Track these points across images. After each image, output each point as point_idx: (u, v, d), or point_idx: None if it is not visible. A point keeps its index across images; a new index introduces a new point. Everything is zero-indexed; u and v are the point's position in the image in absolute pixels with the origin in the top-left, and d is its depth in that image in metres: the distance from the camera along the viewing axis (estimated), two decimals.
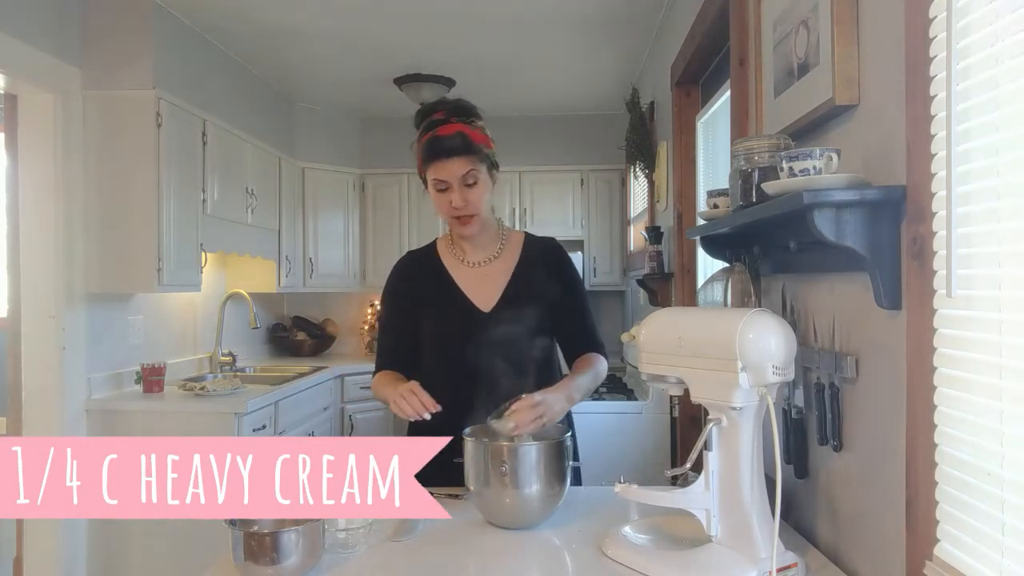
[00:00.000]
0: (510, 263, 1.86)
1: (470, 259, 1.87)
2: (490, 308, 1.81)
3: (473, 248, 1.87)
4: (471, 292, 1.83)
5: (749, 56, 1.86)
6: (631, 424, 3.39)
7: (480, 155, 1.76)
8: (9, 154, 3.06)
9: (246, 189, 4.08)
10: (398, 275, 1.92)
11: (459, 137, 1.73)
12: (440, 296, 1.84)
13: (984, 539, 0.90)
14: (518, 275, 1.85)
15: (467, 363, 1.73)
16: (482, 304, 1.81)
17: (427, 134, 1.77)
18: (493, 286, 1.83)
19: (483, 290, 1.83)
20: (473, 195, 1.76)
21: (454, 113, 1.77)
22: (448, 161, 1.73)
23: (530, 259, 1.88)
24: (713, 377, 1.21)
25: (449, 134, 1.73)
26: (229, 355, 4.24)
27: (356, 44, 3.87)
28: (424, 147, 1.77)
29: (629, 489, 1.28)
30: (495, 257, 1.87)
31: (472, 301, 1.82)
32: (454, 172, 1.73)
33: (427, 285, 1.86)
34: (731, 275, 1.68)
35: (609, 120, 5.11)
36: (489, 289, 1.83)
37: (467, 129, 1.75)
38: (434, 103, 1.85)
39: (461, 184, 1.74)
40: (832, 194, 1.08)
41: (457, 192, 1.74)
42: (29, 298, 3.01)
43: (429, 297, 1.85)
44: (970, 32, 0.91)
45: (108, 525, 3.12)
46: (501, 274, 1.85)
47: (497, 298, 1.81)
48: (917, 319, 1.03)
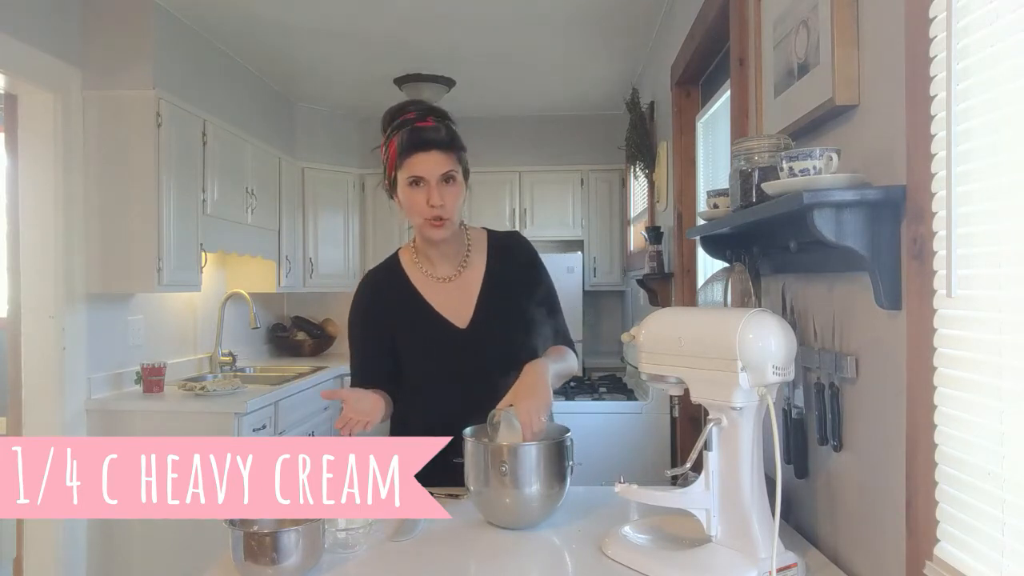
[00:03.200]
0: (479, 271, 1.79)
1: (438, 273, 1.78)
2: (466, 324, 1.74)
3: (440, 258, 1.77)
4: (444, 309, 1.76)
5: (749, 56, 1.86)
6: (631, 424, 3.39)
7: (459, 154, 1.69)
8: (9, 154, 3.06)
9: (246, 189, 4.08)
10: (365, 298, 1.81)
11: (444, 129, 1.66)
12: (412, 317, 1.76)
13: (984, 539, 0.90)
14: (489, 283, 1.78)
15: (449, 381, 1.70)
16: (457, 320, 1.75)
17: (402, 129, 1.66)
18: (465, 299, 1.76)
19: (456, 305, 1.76)
20: (450, 195, 1.66)
21: (429, 112, 1.69)
22: (429, 154, 1.63)
23: (498, 261, 1.80)
24: (713, 377, 1.21)
25: (432, 126, 1.65)
26: (229, 355, 4.24)
27: (356, 44, 3.87)
28: (403, 138, 1.64)
29: (629, 489, 1.28)
30: (463, 267, 1.79)
31: (446, 318, 1.75)
32: (434, 167, 1.63)
33: (397, 306, 1.77)
34: (731, 275, 1.69)
35: (609, 120, 5.11)
36: (462, 303, 1.76)
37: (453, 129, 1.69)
38: (404, 103, 1.74)
39: (440, 181, 1.64)
40: (832, 194, 1.08)
41: (435, 189, 1.64)
42: (29, 298, 3.01)
43: (401, 319, 1.76)
44: (970, 32, 0.91)
45: (108, 525, 3.12)
46: (472, 285, 1.77)
47: (471, 312, 1.75)
48: (917, 319, 1.03)
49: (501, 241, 1.85)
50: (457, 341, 1.74)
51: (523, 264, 1.83)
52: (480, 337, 1.73)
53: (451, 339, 1.74)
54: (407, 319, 1.77)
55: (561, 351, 1.77)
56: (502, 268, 1.80)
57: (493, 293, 1.77)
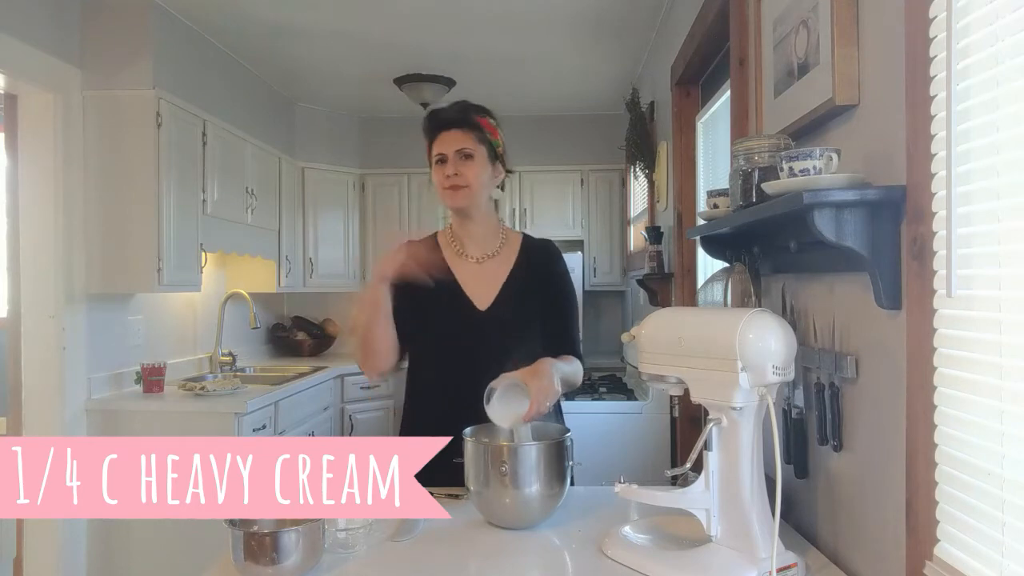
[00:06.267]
0: (508, 262, 1.86)
1: (470, 253, 1.86)
2: (486, 306, 1.80)
3: (472, 242, 1.86)
4: (468, 288, 1.82)
5: (749, 56, 1.86)
6: (631, 424, 3.39)
7: (478, 133, 1.79)
8: (9, 154, 3.06)
9: (246, 189, 4.08)
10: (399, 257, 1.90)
11: (457, 109, 1.80)
12: (437, 289, 1.79)
13: (984, 539, 0.90)
14: (515, 275, 1.84)
15: (460, 359, 1.73)
16: (479, 302, 1.80)
17: None
18: (491, 284, 1.82)
19: (480, 287, 1.82)
20: (467, 168, 1.77)
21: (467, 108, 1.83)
22: (446, 133, 1.78)
23: (527, 260, 1.87)
24: (713, 377, 1.21)
25: (448, 106, 1.81)
26: (229, 355, 4.24)
27: (356, 44, 3.87)
28: (424, 124, 1.83)
29: (629, 489, 1.28)
30: (495, 254, 1.86)
31: (469, 298, 1.81)
32: (450, 143, 1.77)
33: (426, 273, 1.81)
34: (731, 275, 1.69)
35: (609, 120, 5.11)
36: (487, 287, 1.82)
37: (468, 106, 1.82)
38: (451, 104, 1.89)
39: (457, 156, 1.77)
40: (832, 194, 1.08)
41: (452, 163, 1.77)
42: (29, 298, 3.01)
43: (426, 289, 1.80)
44: (970, 32, 0.91)
45: (108, 525, 3.11)
46: (499, 272, 1.84)
47: (494, 296, 1.81)
48: (917, 319, 1.03)
49: (535, 244, 1.93)
50: (474, 321, 1.78)
51: (552, 269, 1.89)
52: (497, 321, 1.77)
53: (469, 317, 1.78)
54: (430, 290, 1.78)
55: (570, 360, 1.80)
56: (531, 266, 1.86)
57: (517, 285, 1.83)
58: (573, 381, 1.78)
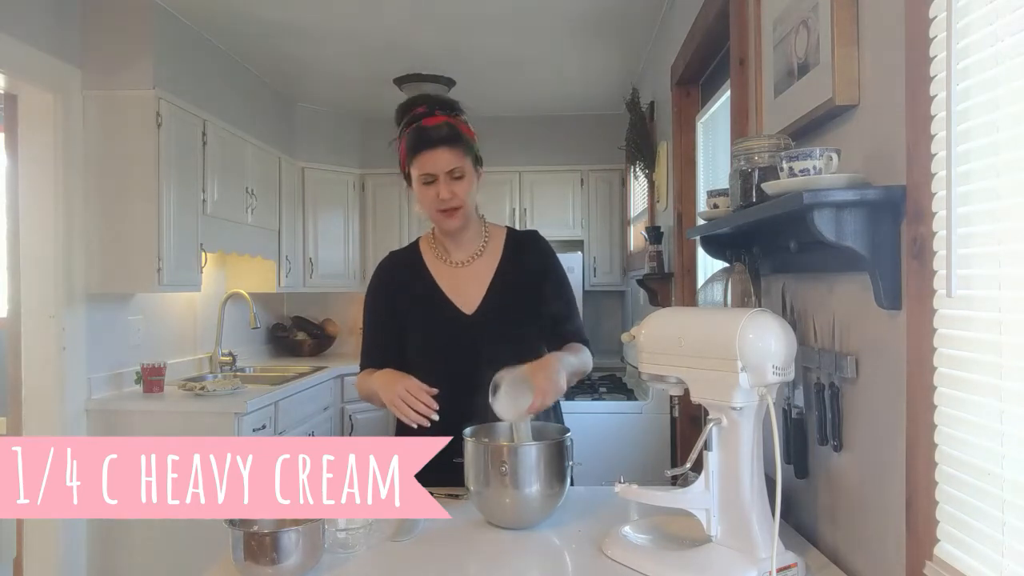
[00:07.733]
0: (493, 260, 1.83)
1: (453, 258, 1.83)
2: (472, 310, 1.78)
3: (456, 246, 1.83)
4: (453, 294, 1.80)
5: (749, 56, 1.86)
6: (631, 424, 3.39)
7: (466, 147, 1.74)
8: (9, 154, 3.06)
9: (246, 189, 4.08)
10: (380, 276, 1.88)
11: (446, 127, 1.71)
12: (422, 298, 1.80)
13: (984, 539, 0.90)
14: (501, 273, 1.81)
15: (451, 367, 1.70)
16: (464, 306, 1.78)
17: (411, 126, 1.74)
18: (476, 287, 1.80)
19: (466, 291, 1.80)
20: (459, 188, 1.73)
21: (437, 106, 1.75)
22: (435, 152, 1.70)
23: (514, 255, 1.84)
24: (713, 377, 1.21)
25: (436, 124, 1.71)
26: (229, 355, 4.24)
27: (356, 44, 3.87)
28: (409, 138, 1.74)
29: (629, 489, 1.28)
30: (478, 255, 1.83)
31: (454, 303, 1.78)
32: (441, 163, 1.70)
33: (408, 286, 1.82)
34: (731, 275, 1.69)
35: (609, 120, 5.11)
36: (472, 290, 1.79)
37: (452, 121, 1.73)
38: (415, 97, 1.81)
39: (448, 177, 1.72)
40: (832, 194, 1.08)
41: (444, 184, 1.72)
42: (29, 298, 3.01)
43: (411, 299, 1.81)
44: (970, 32, 0.91)
45: (108, 525, 3.12)
46: (484, 273, 1.81)
47: (480, 299, 1.78)
48: (917, 319, 1.03)
49: (519, 238, 1.90)
50: (461, 327, 1.76)
51: (538, 261, 1.86)
52: (484, 325, 1.75)
53: (456, 324, 1.77)
54: (416, 300, 1.80)
55: (577, 348, 1.79)
56: (516, 263, 1.83)
57: (504, 285, 1.80)
58: (583, 371, 1.78)
